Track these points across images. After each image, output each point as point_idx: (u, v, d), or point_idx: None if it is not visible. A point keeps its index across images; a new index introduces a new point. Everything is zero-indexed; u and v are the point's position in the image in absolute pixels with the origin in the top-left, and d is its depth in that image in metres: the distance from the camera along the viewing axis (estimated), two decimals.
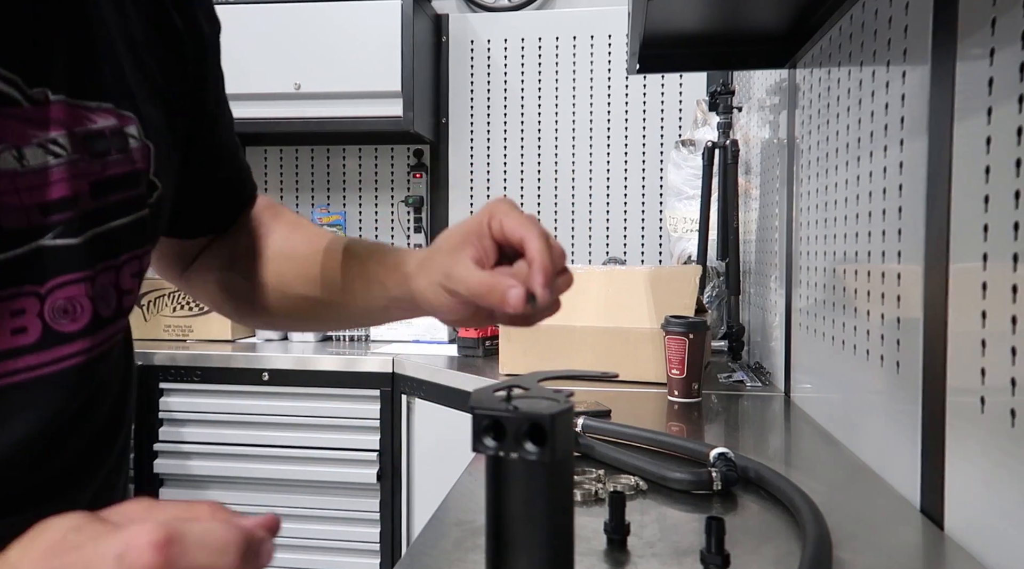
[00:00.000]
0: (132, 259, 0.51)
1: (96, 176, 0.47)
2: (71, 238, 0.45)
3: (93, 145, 0.47)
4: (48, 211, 0.44)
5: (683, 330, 1.31)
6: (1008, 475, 0.64)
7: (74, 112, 0.46)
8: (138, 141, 0.51)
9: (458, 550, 0.70)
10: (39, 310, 0.44)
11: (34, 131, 0.44)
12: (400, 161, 2.72)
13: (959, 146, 0.73)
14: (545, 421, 0.44)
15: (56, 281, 0.45)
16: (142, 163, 0.51)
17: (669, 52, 1.40)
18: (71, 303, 0.46)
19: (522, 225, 0.53)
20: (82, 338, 0.46)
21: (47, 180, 0.44)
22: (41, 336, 0.44)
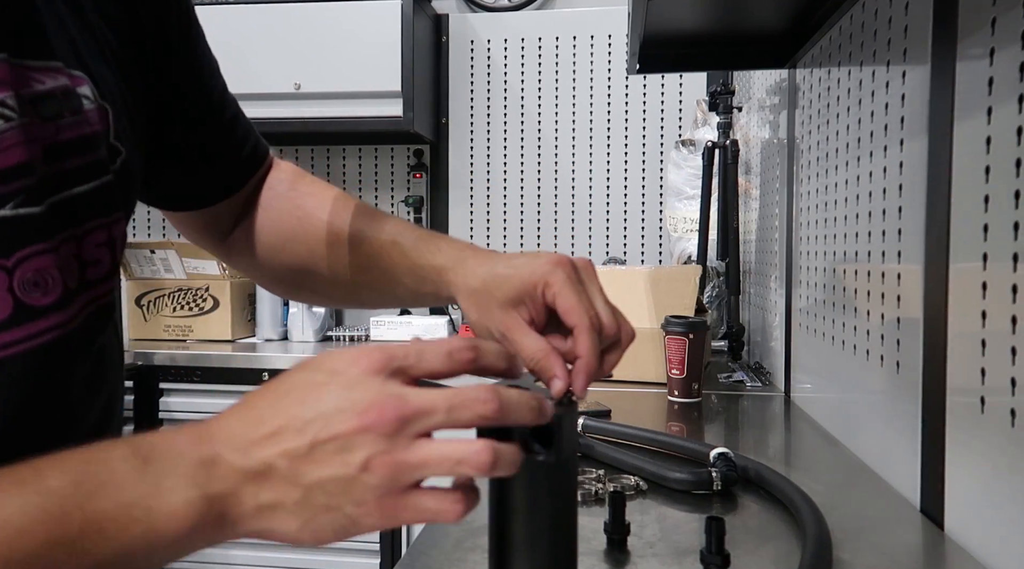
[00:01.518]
0: (98, 228, 0.49)
1: (49, 140, 0.45)
2: (32, 207, 0.43)
3: (42, 107, 0.45)
4: (5, 179, 0.42)
5: (683, 330, 1.31)
6: (1008, 475, 0.64)
7: (19, 72, 0.44)
8: (92, 103, 0.48)
9: (458, 550, 0.70)
10: (8, 284, 0.42)
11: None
12: (400, 161, 2.72)
13: (959, 146, 0.73)
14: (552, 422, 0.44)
15: (23, 253, 0.43)
16: (99, 125, 0.49)
17: (669, 52, 1.40)
18: (41, 275, 0.44)
19: (574, 312, 0.53)
20: (56, 311, 0.45)
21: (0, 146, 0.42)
22: (13, 311, 0.43)
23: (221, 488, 0.35)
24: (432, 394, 0.37)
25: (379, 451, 0.35)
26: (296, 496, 0.36)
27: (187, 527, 0.35)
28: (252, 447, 0.36)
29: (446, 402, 0.37)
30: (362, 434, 0.35)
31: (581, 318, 0.53)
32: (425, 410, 0.36)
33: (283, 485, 0.36)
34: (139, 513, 0.34)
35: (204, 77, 0.65)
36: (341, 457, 0.35)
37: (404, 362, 0.38)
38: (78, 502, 0.33)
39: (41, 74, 0.45)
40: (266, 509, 0.36)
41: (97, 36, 0.51)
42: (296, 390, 0.37)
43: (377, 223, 0.68)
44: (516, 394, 0.39)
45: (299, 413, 0.36)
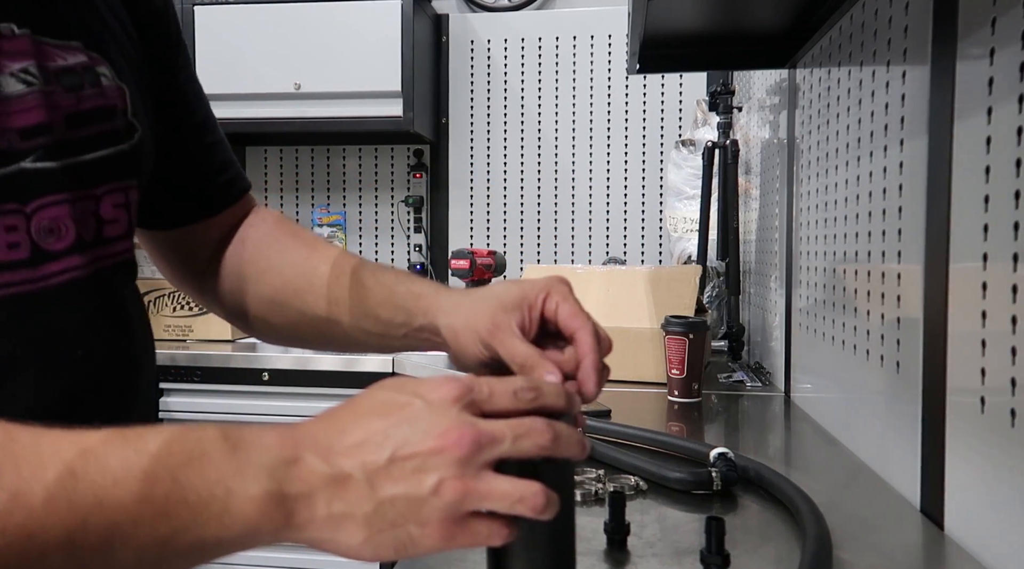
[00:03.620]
0: (114, 190, 0.54)
1: (71, 108, 0.50)
2: (50, 162, 0.48)
3: (64, 79, 0.50)
4: (26, 136, 0.47)
5: (683, 330, 1.31)
6: (1008, 475, 0.64)
7: (42, 47, 0.49)
8: (111, 81, 0.54)
9: (458, 550, 0.70)
10: (27, 228, 0.47)
11: (5, 61, 0.46)
12: (400, 161, 2.72)
13: (959, 146, 0.73)
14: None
15: (39, 202, 0.48)
16: (118, 101, 0.54)
17: (669, 52, 1.40)
18: (55, 223, 0.49)
19: (577, 317, 0.56)
20: (69, 256, 0.49)
21: (22, 106, 0.47)
22: (31, 253, 0.47)
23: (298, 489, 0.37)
24: (500, 424, 0.40)
25: (451, 475, 0.37)
26: (368, 508, 0.37)
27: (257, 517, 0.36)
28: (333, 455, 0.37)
29: (512, 431, 0.40)
30: (438, 456, 0.37)
31: (584, 323, 0.56)
32: (496, 438, 0.39)
33: (358, 496, 0.37)
34: (220, 491, 0.35)
35: (189, 96, 0.68)
36: (416, 476, 0.37)
37: (478, 396, 0.41)
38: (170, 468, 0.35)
39: (62, 51, 0.50)
40: (337, 518, 0.37)
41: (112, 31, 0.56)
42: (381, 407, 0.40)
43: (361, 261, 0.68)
44: (566, 428, 0.42)
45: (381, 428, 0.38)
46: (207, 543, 0.36)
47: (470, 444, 0.38)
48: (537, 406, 0.43)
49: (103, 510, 0.33)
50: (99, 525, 0.33)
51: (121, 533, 0.34)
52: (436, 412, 0.39)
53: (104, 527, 0.33)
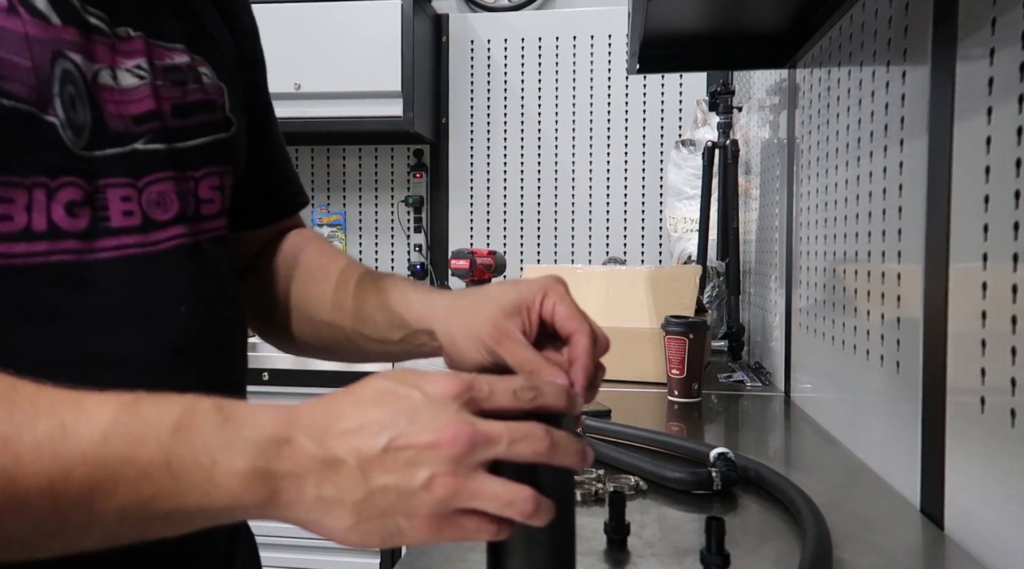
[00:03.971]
0: (211, 174, 0.61)
1: (177, 100, 0.57)
2: (158, 144, 0.55)
3: (172, 75, 0.57)
4: (139, 121, 0.54)
5: (683, 330, 1.31)
6: (1008, 475, 0.64)
7: (153, 48, 0.56)
8: (211, 80, 0.61)
9: (458, 550, 0.70)
10: (138, 200, 0.54)
11: (122, 59, 0.54)
12: (400, 161, 2.72)
13: (959, 146, 0.73)
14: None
15: (149, 178, 0.54)
16: (218, 98, 0.61)
17: (669, 52, 1.40)
18: (161, 197, 0.55)
19: (574, 319, 0.57)
20: (173, 225, 0.56)
21: (136, 96, 0.54)
22: (142, 222, 0.54)
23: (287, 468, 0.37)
24: (498, 426, 0.40)
25: (444, 472, 0.38)
26: (358, 495, 0.37)
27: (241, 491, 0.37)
28: (328, 438, 0.38)
29: (509, 434, 0.40)
30: (432, 451, 0.38)
31: (581, 324, 0.56)
32: (492, 439, 0.39)
33: (349, 482, 0.37)
34: (206, 461, 0.36)
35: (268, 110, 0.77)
36: (409, 469, 0.37)
37: (478, 393, 0.41)
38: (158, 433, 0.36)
39: (171, 52, 0.58)
40: (327, 501, 0.38)
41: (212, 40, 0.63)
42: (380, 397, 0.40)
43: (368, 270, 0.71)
44: (565, 436, 0.42)
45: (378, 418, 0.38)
46: (189, 510, 0.37)
47: (466, 443, 0.38)
48: (536, 406, 0.43)
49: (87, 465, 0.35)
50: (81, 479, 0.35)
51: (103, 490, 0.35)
52: (435, 407, 0.39)
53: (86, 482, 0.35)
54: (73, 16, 0.50)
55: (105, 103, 0.52)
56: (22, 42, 0.47)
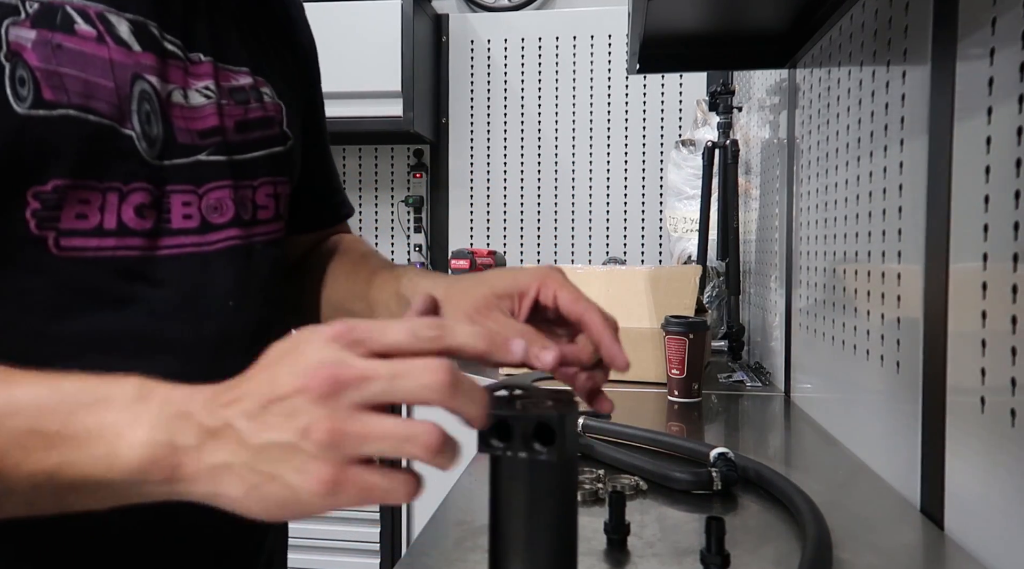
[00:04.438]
0: (267, 183, 0.67)
1: (239, 117, 0.64)
2: (219, 156, 0.61)
3: (236, 95, 0.64)
4: (203, 136, 0.61)
5: (683, 330, 1.31)
6: (1008, 475, 0.64)
7: (220, 71, 0.63)
8: (271, 99, 0.68)
9: (458, 550, 0.70)
10: (199, 205, 0.60)
11: (192, 80, 0.61)
12: (400, 161, 2.72)
13: (959, 146, 0.73)
14: (554, 421, 0.44)
15: (208, 186, 0.61)
16: (276, 115, 0.68)
17: (669, 52, 1.40)
18: (219, 203, 0.61)
19: (579, 301, 0.56)
20: (228, 228, 0.62)
21: (202, 114, 0.61)
22: (200, 224, 0.60)
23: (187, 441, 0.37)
24: (376, 362, 0.37)
25: (319, 416, 0.36)
26: (245, 457, 0.37)
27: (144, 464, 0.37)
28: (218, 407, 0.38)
29: (389, 369, 0.36)
30: (299, 395, 0.36)
31: (588, 304, 0.55)
32: (365, 375, 0.36)
33: (235, 445, 0.37)
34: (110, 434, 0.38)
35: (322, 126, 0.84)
36: (286, 421, 0.36)
37: (364, 334, 0.38)
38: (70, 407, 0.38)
39: (235, 75, 0.64)
40: (217, 469, 0.37)
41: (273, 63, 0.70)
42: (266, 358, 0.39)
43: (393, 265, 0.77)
44: (471, 381, 0.38)
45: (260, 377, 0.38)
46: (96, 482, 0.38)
47: (327, 380, 0.36)
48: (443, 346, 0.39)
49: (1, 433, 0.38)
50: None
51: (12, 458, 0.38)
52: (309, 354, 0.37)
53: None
54: (152, 44, 0.57)
55: (176, 119, 0.59)
56: (107, 66, 0.54)
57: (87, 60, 0.53)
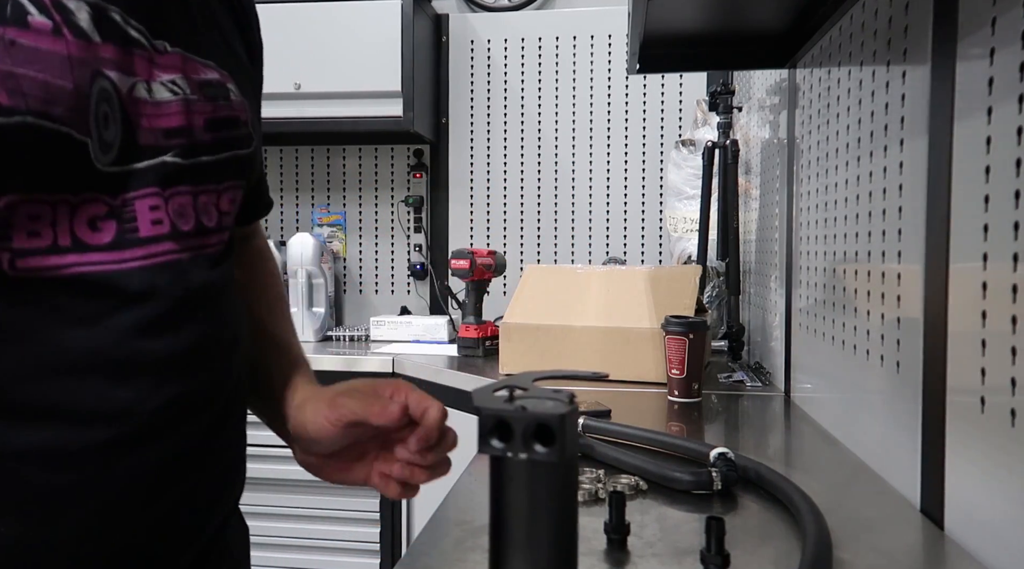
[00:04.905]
0: (232, 188, 0.64)
1: (209, 114, 0.60)
2: (184, 159, 0.57)
3: (206, 90, 0.60)
4: (169, 135, 0.56)
5: (683, 330, 1.31)
6: (1008, 475, 0.64)
7: (188, 63, 0.58)
8: (237, 96, 0.64)
9: (458, 550, 0.70)
10: (166, 209, 0.56)
11: (158, 72, 0.56)
12: (400, 161, 2.72)
13: (959, 146, 0.73)
14: (554, 421, 0.44)
15: (174, 190, 0.57)
16: (242, 114, 0.64)
17: (669, 52, 1.40)
18: (183, 208, 0.58)
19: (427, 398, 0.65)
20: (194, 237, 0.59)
21: (168, 111, 0.56)
22: (171, 230, 0.57)
23: None
24: None
25: None
26: None
27: None
28: None
29: None
30: None
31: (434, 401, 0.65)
32: None
33: None
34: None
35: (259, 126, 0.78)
36: None
37: None
38: None
39: (203, 68, 0.60)
40: None
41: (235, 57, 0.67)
42: None
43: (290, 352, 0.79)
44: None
45: None
46: None
47: None
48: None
49: None
50: None
51: None
52: None
53: None
54: (114, 31, 0.52)
55: (139, 117, 0.55)
56: (65, 64, 0.49)
57: (44, 58, 0.47)
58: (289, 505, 2.05)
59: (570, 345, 1.55)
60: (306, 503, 2.06)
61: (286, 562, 2.07)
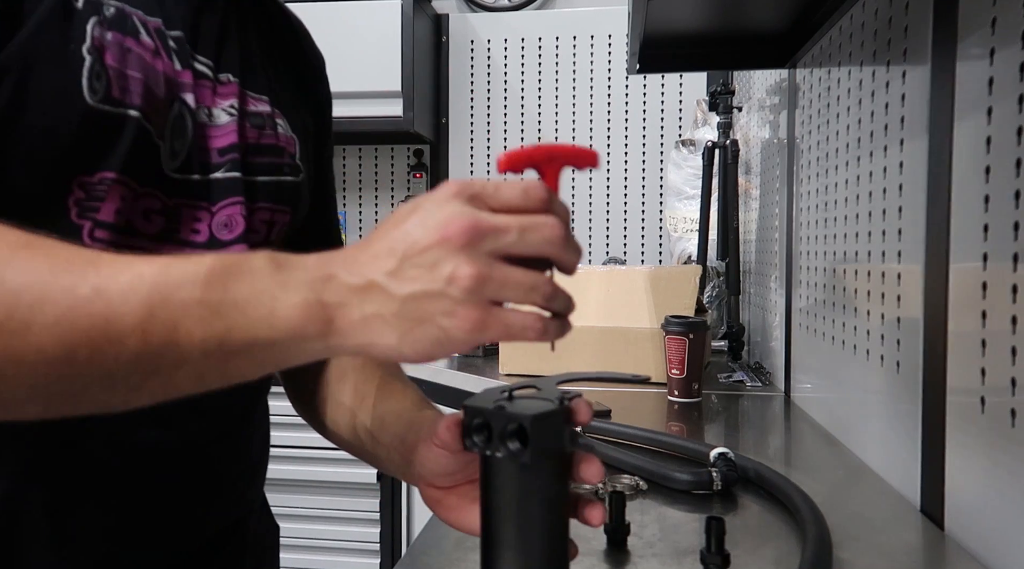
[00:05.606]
0: (278, 211, 0.68)
1: (254, 140, 0.66)
2: (234, 173, 0.63)
3: (253, 119, 0.66)
4: (222, 153, 0.63)
5: (683, 330, 1.31)
6: (1008, 475, 0.64)
7: (243, 95, 0.66)
8: (285, 131, 0.70)
9: (458, 550, 0.70)
10: (209, 221, 0.62)
11: (219, 100, 0.64)
12: (400, 161, 2.72)
13: (959, 146, 0.73)
14: (526, 422, 0.44)
15: (222, 203, 0.63)
16: (288, 147, 0.70)
17: (669, 52, 1.40)
18: (230, 219, 0.63)
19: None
20: (236, 244, 0.63)
21: (224, 131, 0.63)
22: (208, 240, 0.62)
23: (334, 299, 0.41)
24: (504, 216, 0.42)
25: (461, 263, 0.40)
26: (394, 308, 0.41)
27: (302, 321, 0.41)
28: (358, 267, 0.42)
29: (518, 223, 0.41)
30: (441, 246, 0.40)
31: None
32: (498, 227, 0.41)
33: (382, 297, 0.41)
34: (267, 299, 0.41)
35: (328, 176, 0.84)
36: (430, 271, 0.40)
37: (482, 191, 0.42)
38: (224, 279, 0.41)
39: (256, 101, 0.67)
40: (369, 319, 0.41)
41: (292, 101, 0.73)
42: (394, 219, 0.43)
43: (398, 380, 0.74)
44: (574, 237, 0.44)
45: (394, 236, 0.42)
46: (260, 342, 0.41)
47: (467, 230, 0.40)
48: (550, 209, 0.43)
49: (168, 306, 0.41)
50: (165, 318, 0.40)
51: (184, 327, 0.41)
52: (437, 209, 0.41)
53: (169, 320, 0.40)
54: (189, 63, 0.61)
55: (202, 138, 0.62)
56: (159, 78, 0.58)
57: (147, 69, 0.57)
58: (289, 505, 2.05)
59: (570, 345, 1.54)
60: (306, 503, 2.06)
61: (286, 562, 2.06)
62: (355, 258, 0.42)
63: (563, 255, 0.43)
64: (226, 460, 0.67)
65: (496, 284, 0.40)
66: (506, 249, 0.41)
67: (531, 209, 0.43)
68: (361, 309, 0.41)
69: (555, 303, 0.43)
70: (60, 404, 0.42)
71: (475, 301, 0.40)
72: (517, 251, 0.41)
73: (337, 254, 0.43)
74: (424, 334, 0.41)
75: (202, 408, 0.57)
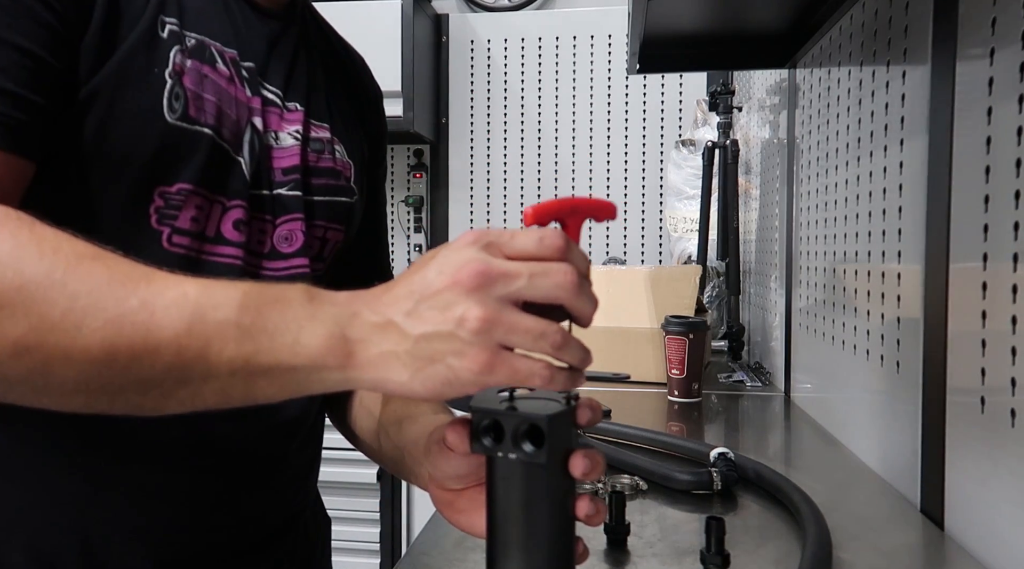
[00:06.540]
0: (334, 229, 0.75)
1: (314, 162, 0.72)
2: (296, 192, 0.69)
3: (315, 144, 0.73)
4: (286, 173, 0.69)
5: (683, 330, 1.31)
6: (1008, 475, 0.64)
7: (307, 122, 0.72)
8: (342, 157, 0.76)
9: (458, 550, 0.70)
10: (272, 234, 0.68)
11: (285, 125, 0.70)
12: (400, 161, 2.72)
13: (959, 146, 0.73)
14: (542, 422, 0.44)
15: (283, 218, 0.68)
16: (344, 170, 0.75)
17: (669, 52, 1.40)
18: (290, 233, 0.69)
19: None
20: (295, 257, 0.69)
21: (287, 153, 0.69)
22: (269, 251, 0.68)
23: (356, 335, 0.44)
24: (516, 263, 0.43)
25: (471, 305, 0.41)
26: (407, 346, 0.43)
27: (323, 352, 0.43)
28: (380, 306, 0.44)
29: (528, 269, 0.42)
30: (452, 289, 0.42)
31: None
32: (509, 272, 0.42)
33: (397, 336, 0.43)
34: (294, 327, 0.44)
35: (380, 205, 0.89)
36: (441, 312, 0.42)
37: (497, 239, 0.44)
38: (259, 305, 0.45)
39: (318, 128, 0.73)
40: (385, 356, 0.43)
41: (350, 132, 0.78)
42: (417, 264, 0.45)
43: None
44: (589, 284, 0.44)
45: (414, 279, 0.44)
46: (283, 367, 0.44)
47: (481, 275, 0.42)
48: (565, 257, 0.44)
49: (204, 324, 0.44)
50: (200, 334, 0.44)
51: (216, 345, 0.44)
52: (452, 255, 0.43)
53: (203, 336, 0.44)
54: (259, 91, 0.68)
55: (266, 158, 0.68)
56: (232, 102, 0.64)
57: (222, 94, 0.63)
58: None
59: None
60: None
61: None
62: (379, 298, 0.45)
63: (575, 302, 0.43)
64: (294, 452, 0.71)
65: (504, 328, 0.42)
66: (516, 294, 0.42)
67: (546, 257, 0.44)
68: (379, 346, 0.43)
69: (565, 353, 0.44)
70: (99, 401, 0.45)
71: (484, 343, 0.41)
72: (527, 296, 0.42)
73: (366, 293, 0.46)
74: (434, 372, 0.42)
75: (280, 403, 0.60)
